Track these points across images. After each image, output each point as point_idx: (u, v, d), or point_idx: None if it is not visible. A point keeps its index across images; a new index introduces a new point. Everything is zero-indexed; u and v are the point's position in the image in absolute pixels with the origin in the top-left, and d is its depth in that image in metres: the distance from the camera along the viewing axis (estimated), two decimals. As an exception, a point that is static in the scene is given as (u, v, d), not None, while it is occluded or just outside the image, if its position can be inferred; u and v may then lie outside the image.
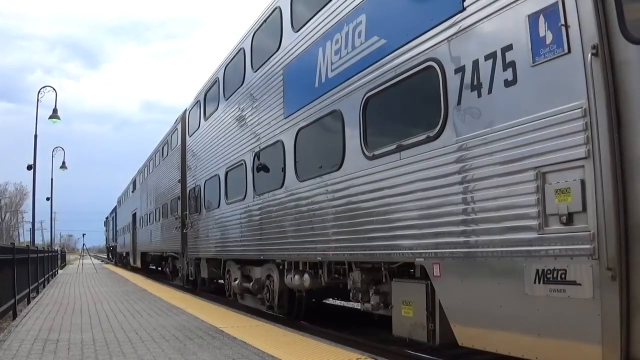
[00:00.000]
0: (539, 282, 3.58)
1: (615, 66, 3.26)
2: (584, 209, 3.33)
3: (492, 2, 4.05)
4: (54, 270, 21.07)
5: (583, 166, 3.33)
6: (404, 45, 5.03)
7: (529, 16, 3.71)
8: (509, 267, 3.84)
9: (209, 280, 12.60)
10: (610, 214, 3.19)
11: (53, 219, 40.27)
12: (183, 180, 14.73)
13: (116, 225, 37.82)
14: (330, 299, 9.81)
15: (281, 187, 7.71)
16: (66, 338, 5.85)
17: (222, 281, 11.73)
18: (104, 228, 53.30)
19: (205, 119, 12.22)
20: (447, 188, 4.42)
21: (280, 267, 8.07)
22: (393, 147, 5.17)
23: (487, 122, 4.06)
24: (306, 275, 7.18)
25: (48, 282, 16.61)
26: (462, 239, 4.28)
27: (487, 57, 4.06)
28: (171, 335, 6.02)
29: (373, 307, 5.79)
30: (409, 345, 5.62)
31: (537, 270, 3.60)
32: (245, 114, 9.34)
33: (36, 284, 12.62)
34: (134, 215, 26.06)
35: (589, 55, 3.28)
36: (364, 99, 5.68)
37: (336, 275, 6.78)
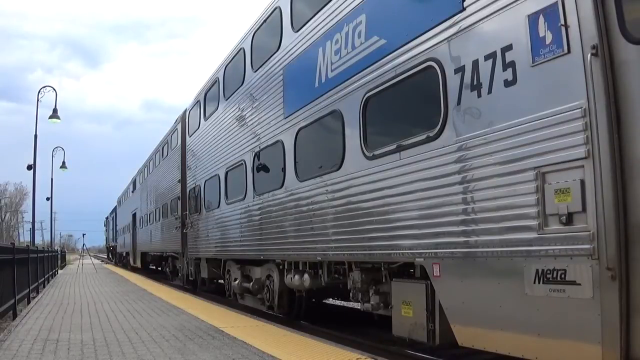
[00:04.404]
0: (539, 282, 3.58)
1: (615, 66, 3.26)
2: (584, 209, 3.33)
3: (492, 2, 4.05)
4: (54, 270, 21.06)
5: (583, 166, 3.34)
6: (404, 45, 5.03)
7: (528, 16, 3.71)
8: (509, 267, 3.84)
9: (209, 280, 12.60)
10: (610, 214, 3.19)
11: (53, 219, 40.33)
12: (183, 180, 14.73)
13: (116, 225, 37.82)
14: (330, 299, 9.81)
15: (281, 187, 7.71)
16: (66, 338, 5.85)
17: (222, 281, 11.74)
18: (104, 228, 53.29)
19: (205, 119, 12.22)
20: (447, 188, 4.42)
21: (280, 267, 8.07)
22: (393, 147, 5.17)
23: (487, 122, 4.06)
24: (306, 275, 7.18)
25: (48, 282, 16.61)
26: (462, 239, 4.28)
27: (487, 57, 4.06)
28: (171, 335, 6.02)
29: (373, 307, 5.79)
30: (409, 345, 5.62)
31: (537, 270, 3.60)
32: (245, 114, 9.34)
33: (36, 284, 12.61)
34: (134, 215, 26.06)
35: (589, 55, 3.28)
36: (364, 99, 5.68)
37: (336, 275, 6.78)
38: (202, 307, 9.16)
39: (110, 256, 46.92)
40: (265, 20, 8.72)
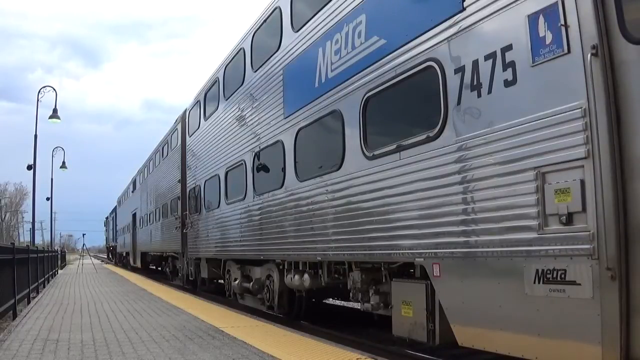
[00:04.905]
0: (539, 282, 3.58)
1: (615, 66, 3.26)
2: (584, 209, 3.33)
3: (492, 2, 4.05)
4: (54, 270, 21.07)
5: (583, 166, 3.34)
6: (404, 45, 5.03)
7: (528, 16, 3.71)
8: (509, 267, 3.84)
9: (209, 280, 12.61)
10: (610, 214, 3.19)
11: (53, 219, 40.37)
12: (183, 180, 14.74)
13: (116, 225, 37.82)
14: (330, 299, 9.81)
15: (281, 187, 7.71)
16: (66, 338, 5.85)
17: (222, 281, 11.74)
18: (104, 228, 53.31)
19: (205, 119, 12.22)
20: (447, 188, 4.42)
21: (280, 267, 8.08)
22: (393, 147, 5.17)
23: (487, 122, 4.06)
24: (306, 275, 7.18)
25: (48, 282, 16.61)
26: (462, 239, 4.28)
27: (487, 57, 4.06)
28: (171, 335, 6.02)
29: (373, 307, 5.79)
30: (409, 345, 5.62)
31: (537, 270, 3.60)
32: (245, 114, 9.34)
33: (36, 284, 12.62)
34: (134, 215, 26.06)
35: (589, 55, 3.28)
36: (364, 99, 5.68)
37: (336, 275, 6.78)
38: (202, 307, 9.16)
39: (110, 256, 46.92)
40: (265, 20, 8.72)
